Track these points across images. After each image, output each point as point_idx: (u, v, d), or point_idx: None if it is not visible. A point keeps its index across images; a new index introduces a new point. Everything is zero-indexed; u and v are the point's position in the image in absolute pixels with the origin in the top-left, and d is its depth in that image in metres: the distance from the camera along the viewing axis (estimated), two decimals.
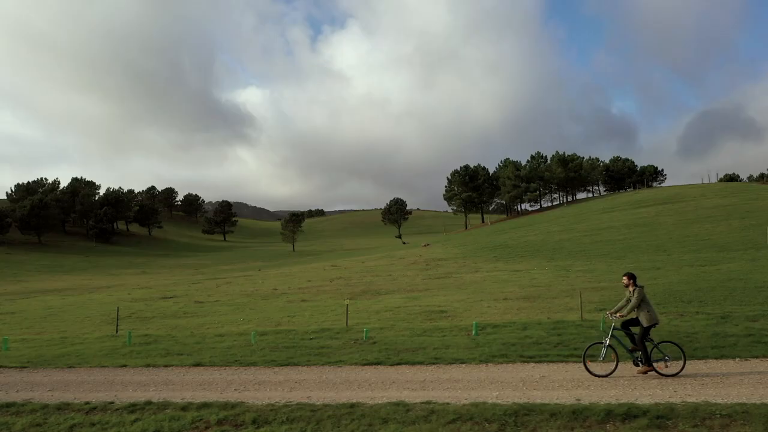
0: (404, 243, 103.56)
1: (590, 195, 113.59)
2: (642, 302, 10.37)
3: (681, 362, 10.29)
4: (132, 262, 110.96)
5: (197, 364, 12.99)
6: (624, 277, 10.81)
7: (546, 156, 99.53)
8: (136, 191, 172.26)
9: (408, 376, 11.24)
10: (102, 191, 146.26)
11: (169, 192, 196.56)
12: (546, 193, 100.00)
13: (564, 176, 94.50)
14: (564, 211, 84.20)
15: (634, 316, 10.53)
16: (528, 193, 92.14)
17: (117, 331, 18.65)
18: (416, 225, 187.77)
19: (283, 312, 22.57)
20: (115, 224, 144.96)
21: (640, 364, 10.38)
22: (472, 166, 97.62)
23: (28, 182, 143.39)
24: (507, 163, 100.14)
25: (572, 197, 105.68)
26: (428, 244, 64.06)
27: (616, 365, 10.51)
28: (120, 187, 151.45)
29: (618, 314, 10.54)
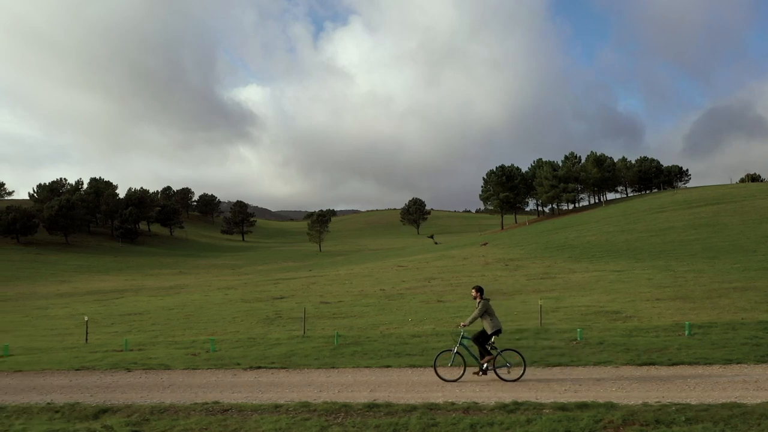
0: (436, 243, 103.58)
1: (621, 196, 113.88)
2: (485, 313, 11.33)
3: (521, 368, 11.15)
4: (162, 262, 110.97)
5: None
6: (473, 290, 11.68)
7: (580, 156, 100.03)
8: (150, 191, 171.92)
9: (710, 373, 11.36)
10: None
11: (186, 192, 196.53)
12: (574, 194, 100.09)
13: (599, 176, 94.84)
14: (604, 211, 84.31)
15: (482, 326, 11.44)
16: (565, 194, 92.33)
17: (304, 332, 18.73)
18: (433, 225, 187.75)
19: (438, 312, 22.67)
20: (137, 224, 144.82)
21: (483, 372, 11.25)
22: (507, 166, 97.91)
23: (52, 182, 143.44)
24: (541, 164, 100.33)
25: (602, 198, 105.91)
26: (486, 243, 64.20)
27: (464, 371, 11.33)
28: (142, 187, 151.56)
29: (461, 324, 11.49)
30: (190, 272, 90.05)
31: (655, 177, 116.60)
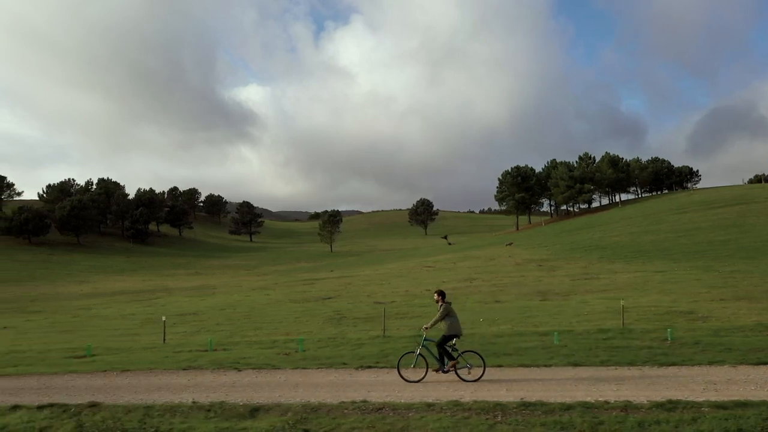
0: (450, 244, 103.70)
1: (633, 196, 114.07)
2: (447, 316, 11.69)
3: (481, 369, 11.60)
4: (175, 262, 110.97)
5: (576, 364, 13.18)
6: (435, 294, 12.10)
7: (594, 157, 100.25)
8: (156, 191, 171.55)
9: None
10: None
11: (193, 192, 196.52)
12: (590, 194, 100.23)
13: (614, 177, 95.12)
14: (622, 212, 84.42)
15: (444, 330, 11.78)
16: (582, 194, 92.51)
17: (384, 332, 18.81)
18: (440, 225, 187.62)
19: (503, 312, 22.76)
20: (147, 225, 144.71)
21: (445, 371, 11.66)
22: (522, 167, 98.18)
23: (61, 182, 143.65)
24: (555, 164, 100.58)
25: (618, 198, 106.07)
26: (511, 243, 64.30)
27: (426, 372, 11.73)
28: (151, 188, 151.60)
29: (424, 328, 11.95)
30: (205, 272, 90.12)
31: (666, 178, 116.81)
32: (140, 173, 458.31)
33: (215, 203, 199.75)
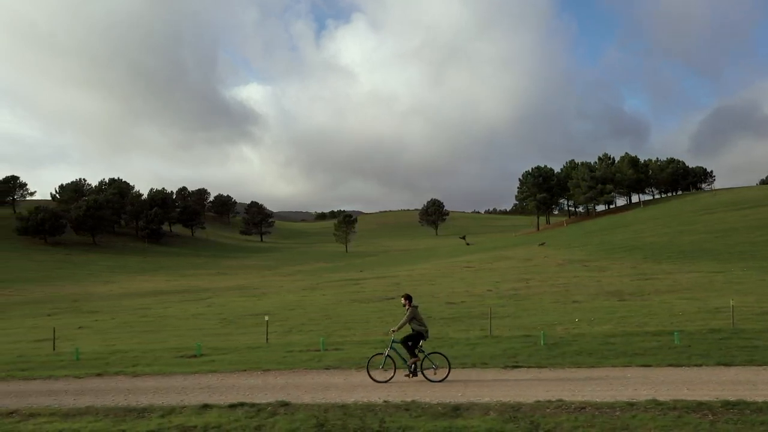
0: (468, 244, 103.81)
1: (650, 197, 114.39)
2: (413, 319, 12.13)
3: (446, 370, 12.12)
4: (193, 262, 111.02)
5: (726, 364, 13.25)
6: (402, 298, 12.54)
7: (613, 157, 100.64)
8: (166, 191, 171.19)
9: None
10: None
11: (202, 193, 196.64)
12: (612, 195, 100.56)
13: (634, 177, 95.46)
14: (646, 212, 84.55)
15: (410, 331, 12.27)
16: (604, 195, 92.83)
17: (491, 332, 18.87)
18: (450, 226, 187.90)
19: (588, 313, 22.83)
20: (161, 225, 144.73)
21: (412, 373, 12.07)
22: (543, 167, 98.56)
23: (74, 182, 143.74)
24: (574, 165, 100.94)
25: (639, 198, 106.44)
26: (544, 243, 64.41)
27: (394, 373, 12.18)
28: (163, 188, 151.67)
29: (391, 330, 12.40)
30: (227, 272, 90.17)
31: (682, 179, 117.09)
32: (140, 173, 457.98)
33: (224, 203, 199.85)
